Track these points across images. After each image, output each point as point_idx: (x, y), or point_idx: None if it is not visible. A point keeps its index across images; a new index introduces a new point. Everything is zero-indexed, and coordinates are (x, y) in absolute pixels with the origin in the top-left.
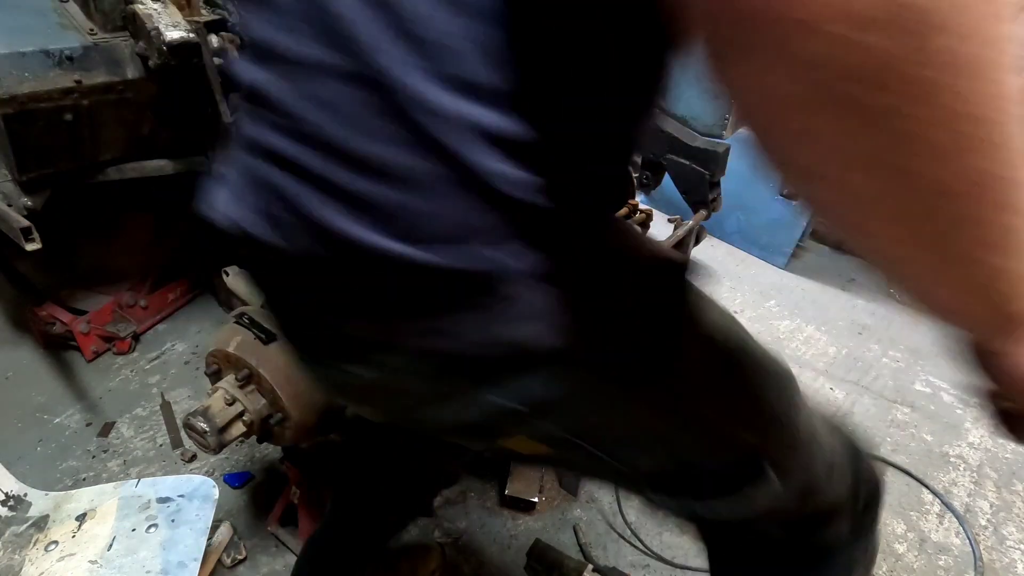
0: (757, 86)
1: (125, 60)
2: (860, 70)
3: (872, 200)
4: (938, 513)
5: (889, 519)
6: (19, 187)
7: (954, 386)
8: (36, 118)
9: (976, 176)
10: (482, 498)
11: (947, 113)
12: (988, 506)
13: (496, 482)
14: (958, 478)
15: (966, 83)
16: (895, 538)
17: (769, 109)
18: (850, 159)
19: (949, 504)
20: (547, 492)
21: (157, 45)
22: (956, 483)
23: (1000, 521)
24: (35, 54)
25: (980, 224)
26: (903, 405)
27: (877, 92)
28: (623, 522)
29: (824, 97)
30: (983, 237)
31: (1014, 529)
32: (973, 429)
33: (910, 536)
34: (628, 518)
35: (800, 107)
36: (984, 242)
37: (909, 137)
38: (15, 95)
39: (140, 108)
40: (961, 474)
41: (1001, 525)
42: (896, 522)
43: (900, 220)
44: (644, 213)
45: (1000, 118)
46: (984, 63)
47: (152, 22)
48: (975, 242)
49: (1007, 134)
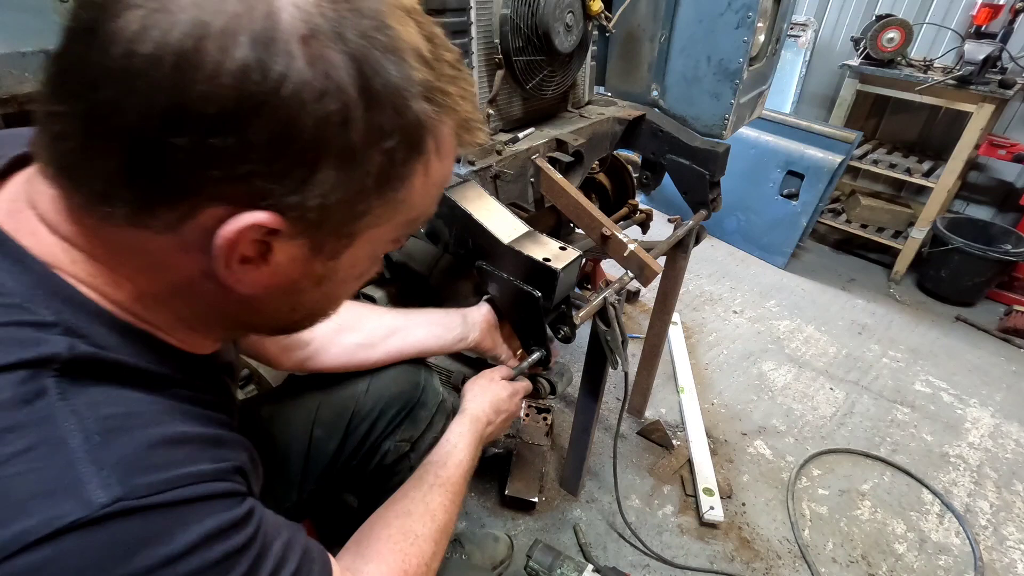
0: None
1: None
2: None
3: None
4: (938, 513)
5: (889, 519)
6: None
7: (954, 386)
8: None
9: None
10: (482, 498)
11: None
12: (988, 506)
13: (496, 482)
14: (958, 478)
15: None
16: (895, 538)
17: None
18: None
19: (949, 504)
20: (547, 492)
21: None
22: (956, 483)
23: (1000, 521)
24: (35, 54)
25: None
26: (903, 405)
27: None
28: (623, 522)
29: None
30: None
31: (1014, 529)
32: (973, 429)
33: (910, 536)
34: (628, 518)
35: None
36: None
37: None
38: (15, 95)
39: None
40: (961, 474)
41: (1001, 525)
42: (896, 522)
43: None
44: (644, 213)
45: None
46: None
47: None
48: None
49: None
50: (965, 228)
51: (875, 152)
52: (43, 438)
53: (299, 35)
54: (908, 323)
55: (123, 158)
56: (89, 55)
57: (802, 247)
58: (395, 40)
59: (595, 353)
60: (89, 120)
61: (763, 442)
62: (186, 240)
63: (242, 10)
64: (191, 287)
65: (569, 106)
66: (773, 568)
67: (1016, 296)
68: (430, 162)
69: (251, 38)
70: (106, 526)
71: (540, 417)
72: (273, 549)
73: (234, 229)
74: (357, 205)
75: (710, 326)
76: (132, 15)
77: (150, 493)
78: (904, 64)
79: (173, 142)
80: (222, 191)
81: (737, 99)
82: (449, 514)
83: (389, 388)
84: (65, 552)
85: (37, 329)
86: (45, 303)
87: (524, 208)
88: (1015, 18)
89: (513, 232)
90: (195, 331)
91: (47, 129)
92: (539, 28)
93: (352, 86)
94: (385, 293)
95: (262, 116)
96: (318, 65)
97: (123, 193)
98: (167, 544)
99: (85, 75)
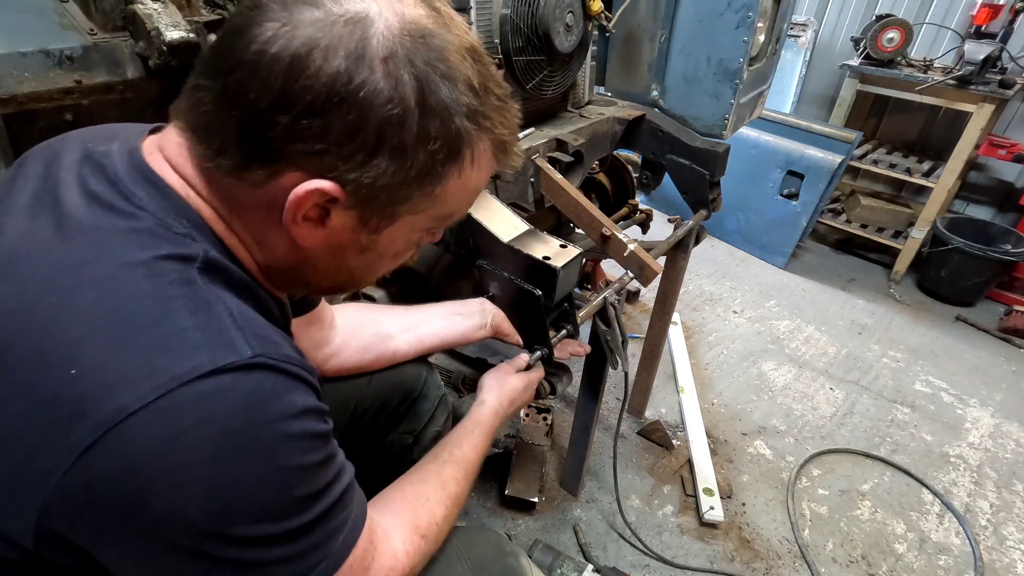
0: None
1: (125, 60)
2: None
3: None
4: (938, 513)
5: (889, 519)
6: None
7: (954, 386)
8: (36, 118)
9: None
10: (482, 498)
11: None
12: (988, 506)
13: (496, 482)
14: (958, 478)
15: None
16: (895, 538)
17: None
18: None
19: (949, 504)
20: (547, 492)
21: (157, 45)
22: (956, 483)
23: (1000, 521)
24: (35, 54)
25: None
26: (903, 405)
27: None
28: (623, 522)
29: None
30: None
31: (1014, 529)
32: (973, 429)
33: (910, 536)
34: (628, 518)
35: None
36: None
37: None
38: (15, 95)
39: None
40: (961, 474)
41: (1001, 525)
42: (896, 522)
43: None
44: (644, 213)
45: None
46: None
47: (152, 22)
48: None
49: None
50: (965, 228)
51: (875, 152)
52: (202, 306)
53: (381, 56)
54: (908, 323)
55: (239, 125)
56: (234, 48)
57: (802, 247)
58: (452, 70)
59: (595, 353)
60: (222, 94)
61: (763, 442)
62: (268, 195)
63: (345, 33)
64: (266, 236)
65: (569, 106)
66: (773, 568)
67: (1016, 296)
68: (464, 169)
69: (346, 53)
70: (251, 373)
71: (540, 417)
72: (339, 457)
73: (304, 190)
74: (400, 191)
75: (710, 326)
76: (270, 25)
77: (276, 359)
78: (904, 64)
79: (276, 118)
80: (301, 161)
81: (737, 99)
82: (460, 487)
83: (391, 379)
84: (223, 385)
85: (177, 235)
86: (176, 220)
87: (524, 208)
88: (1015, 18)
89: (513, 231)
90: (267, 279)
91: (190, 97)
92: (539, 28)
93: (412, 98)
94: (385, 293)
95: (342, 109)
96: (390, 79)
97: (233, 151)
98: (287, 401)
99: (227, 62)
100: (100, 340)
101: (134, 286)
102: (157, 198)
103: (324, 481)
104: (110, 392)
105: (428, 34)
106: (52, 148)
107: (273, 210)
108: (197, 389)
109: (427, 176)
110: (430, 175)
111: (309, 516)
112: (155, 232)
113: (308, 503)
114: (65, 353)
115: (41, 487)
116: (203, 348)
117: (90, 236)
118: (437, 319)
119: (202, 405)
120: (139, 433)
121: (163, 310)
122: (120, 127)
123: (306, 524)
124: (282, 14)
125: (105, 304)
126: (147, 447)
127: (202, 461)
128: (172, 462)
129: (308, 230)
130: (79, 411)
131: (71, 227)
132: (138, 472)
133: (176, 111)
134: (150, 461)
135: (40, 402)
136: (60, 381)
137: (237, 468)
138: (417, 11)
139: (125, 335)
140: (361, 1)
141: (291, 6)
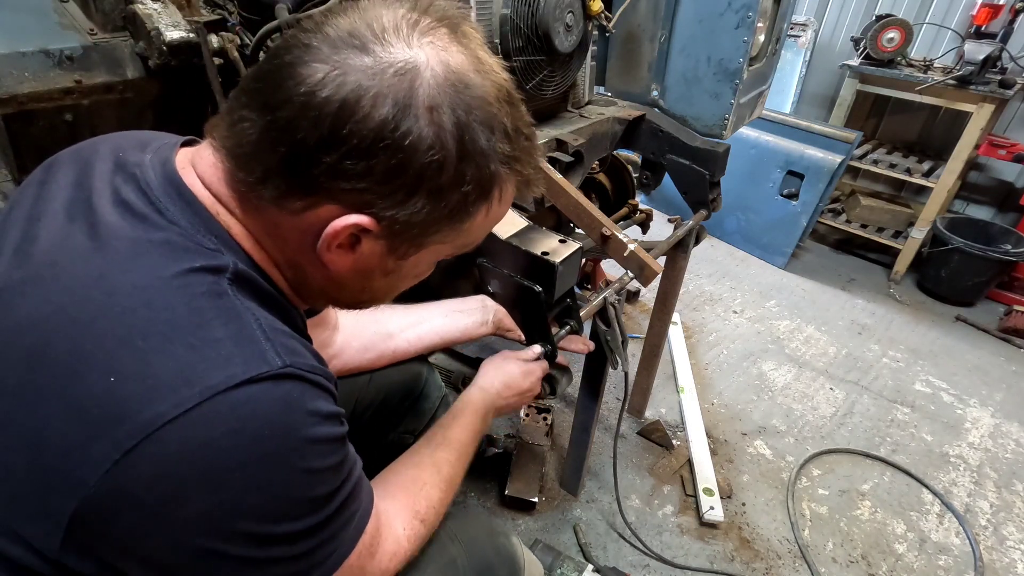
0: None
1: (125, 60)
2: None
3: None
4: (938, 513)
5: (889, 519)
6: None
7: (954, 386)
8: (36, 118)
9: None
10: (482, 498)
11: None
12: (988, 506)
13: (496, 482)
14: (958, 478)
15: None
16: (895, 538)
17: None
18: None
19: (949, 504)
20: (547, 492)
21: (157, 45)
22: (956, 483)
23: (1000, 521)
24: (35, 54)
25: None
26: (903, 405)
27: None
28: (623, 522)
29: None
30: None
31: (1014, 529)
32: (973, 429)
33: (910, 536)
34: (628, 518)
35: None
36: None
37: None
38: (15, 95)
39: (140, 108)
40: (961, 474)
41: (1001, 525)
42: (896, 522)
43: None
44: (644, 213)
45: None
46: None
47: (152, 22)
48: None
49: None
50: (965, 228)
51: (875, 152)
52: (233, 318)
53: (427, 105)
54: (908, 323)
55: (284, 158)
56: (282, 85)
57: (802, 247)
58: (491, 119)
59: (595, 353)
60: (269, 128)
61: (763, 442)
62: (304, 223)
63: (395, 82)
64: (298, 259)
65: (569, 106)
66: (773, 568)
67: (1016, 296)
68: (492, 206)
69: (394, 102)
70: (281, 382)
71: (540, 417)
72: (351, 453)
73: (342, 224)
74: (432, 226)
75: (710, 326)
76: (319, 67)
77: (304, 369)
78: (904, 64)
79: (322, 158)
80: (342, 196)
81: (737, 99)
82: (454, 468)
83: (391, 378)
84: (255, 395)
85: (207, 249)
86: (206, 236)
87: (524, 208)
88: (1015, 18)
89: (511, 228)
90: (296, 294)
91: (232, 124)
92: (539, 28)
93: (452, 144)
94: None
95: (387, 154)
96: (433, 127)
97: (276, 181)
98: (313, 409)
99: (275, 97)
100: (137, 348)
101: (169, 296)
102: (187, 213)
103: (340, 479)
104: (148, 400)
105: (470, 84)
106: (82, 156)
107: (307, 236)
108: (231, 398)
109: (458, 213)
110: (461, 212)
111: (327, 512)
112: (186, 245)
113: (327, 501)
114: (103, 358)
115: (76, 489)
116: (236, 359)
117: (125, 245)
118: (437, 317)
119: (236, 413)
120: (176, 439)
121: (196, 320)
122: (151, 136)
123: (324, 519)
124: (332, 57)
125: (141, 313)
126: (183, 453)
127: (234, 466)
128: (206, 467)
129: (339, 256)
130: (117, 417)
131: (106, 235)
132: (173, 476)
133: (214, 131)
134: (186, 466)
135: (77, 405)
136: (98, 386)
137: (266, 472)
138: (460, 58)
139: (161, 344)
140: (409, 48)
141: (340, 48)
